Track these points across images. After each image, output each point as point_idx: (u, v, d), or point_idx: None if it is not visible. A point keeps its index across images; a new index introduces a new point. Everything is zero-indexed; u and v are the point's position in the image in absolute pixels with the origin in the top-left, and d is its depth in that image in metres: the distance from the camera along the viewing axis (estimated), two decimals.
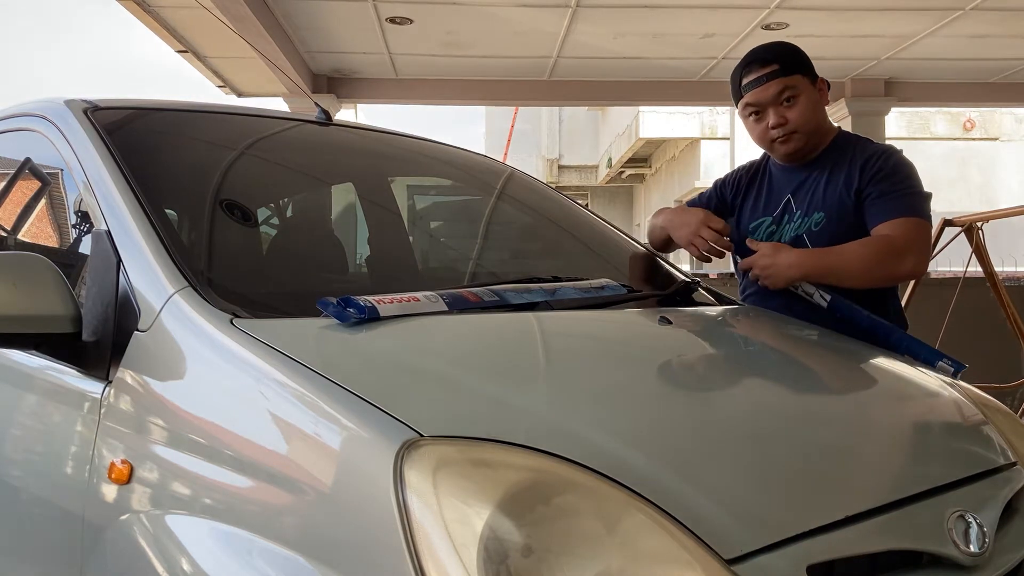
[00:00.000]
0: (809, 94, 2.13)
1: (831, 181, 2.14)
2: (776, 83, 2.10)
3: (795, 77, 2.11)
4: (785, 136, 2.13)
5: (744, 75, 2.15)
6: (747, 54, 2.19)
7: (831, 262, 2.03)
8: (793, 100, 2.11)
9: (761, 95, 2.12)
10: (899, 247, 2.01)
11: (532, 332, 1.57)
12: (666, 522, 0.99)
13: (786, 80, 2.10)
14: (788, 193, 2.20)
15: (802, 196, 2.17)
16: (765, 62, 2.12)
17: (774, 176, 2.27)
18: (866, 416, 1.49)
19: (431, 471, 0.97)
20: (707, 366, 1.63)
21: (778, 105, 2.11)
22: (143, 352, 1.33)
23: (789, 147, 2.15)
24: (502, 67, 7.88)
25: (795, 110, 2.11)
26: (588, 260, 2.28)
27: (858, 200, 2.09)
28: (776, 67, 2.11)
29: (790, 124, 2.12)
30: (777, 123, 2.12)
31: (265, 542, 1.06)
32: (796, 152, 2.17)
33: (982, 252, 4.71)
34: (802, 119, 2.12)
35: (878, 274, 2.04)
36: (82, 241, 1.64)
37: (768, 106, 2.12)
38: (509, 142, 19.84)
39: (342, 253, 2.15)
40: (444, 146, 2.45)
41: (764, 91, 2.11)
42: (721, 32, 6.82)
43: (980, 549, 1.17)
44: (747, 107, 2.16)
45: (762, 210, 2.23)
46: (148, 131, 1.90)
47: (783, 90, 2.11)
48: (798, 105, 2.11)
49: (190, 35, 7.05)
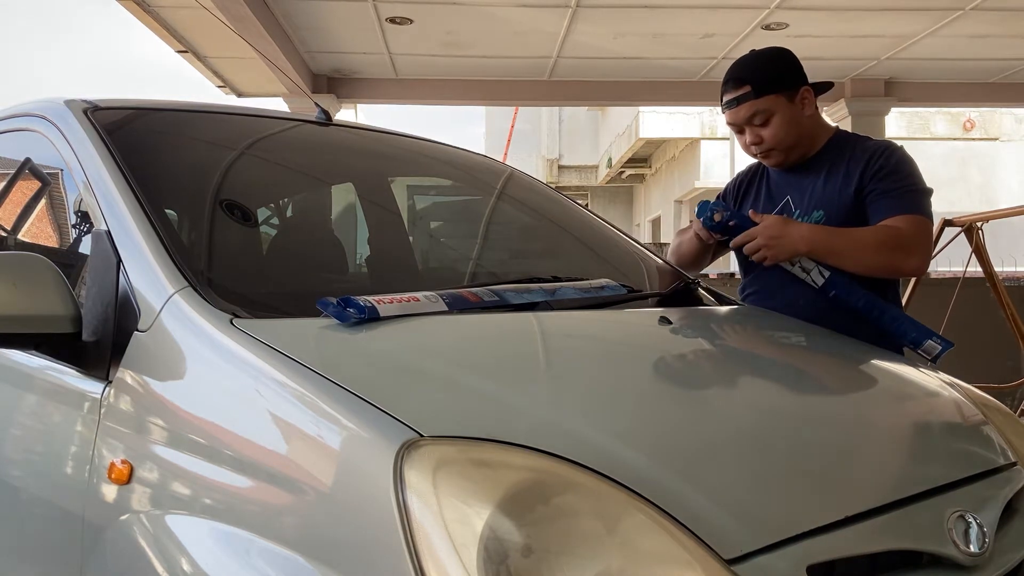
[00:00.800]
0: (784, 112, 2.13)
1: (829, 180, 2.15)
2: (747, 106, 2.13)
3: (767, 99, 2.12)
4: (763, 152, 2.18)
5: (723, 93, 2.19)
6: (729, 68, 2.21)
7: (839, 243, 2.04)
8: (767, 121, 2.14)
9: (734, 117, 2.17)
10: (906, 243, 2.03)
11: (532, 332, 1.57)
12: (666, 522, 0.99)
13: (757, 103, 2.12)
14: (787, 194, 2.21)
15: (800, 196, 2.18)
16: (739, 83, 2.14)
17: (772, 178, 2.29)
18: (866, 416, 1.49)
19: (431, 471, 0.97)
20: (707, 366, 1.63)
21: (752, 125, 2.15)
22: (143, 352, 1.33)
23: (771, 161, 2.21)
24: (502, 67, 7.88)
25: (768, 130, 2.14)
26: (588, 260, 2.28)
27: (858, 198, 2.10)
28: (748, 89, 2.12)
29: (765, 143, 2.16)
30: (753, 141, 2.17)
31: (265, 542, 1.07)
32: (781, 164, 2.21)
33: (982, 252, 4.71)
34: (775, 138, 2.15)
35: (882, 263, 2.05)
36: (82, 241, 1.64)
37: (744, 125, 2.17)
38: (509, 142, 19.84)
39: (342, 253, 2.15)
40: (444, 146, 2.45)
41: (736, 114, 2.16)
42: (721, 32, 6.82)
43: (980, 549, 1.17)
44: (729, 124, 2.21)
45: (760, 211, 2.24)
46: (148, 131, 1.90)
47: (754, 114, 2.14)
48: (771, 125, 2.14)
49: (190, 35, 7.05)
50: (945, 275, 5.91)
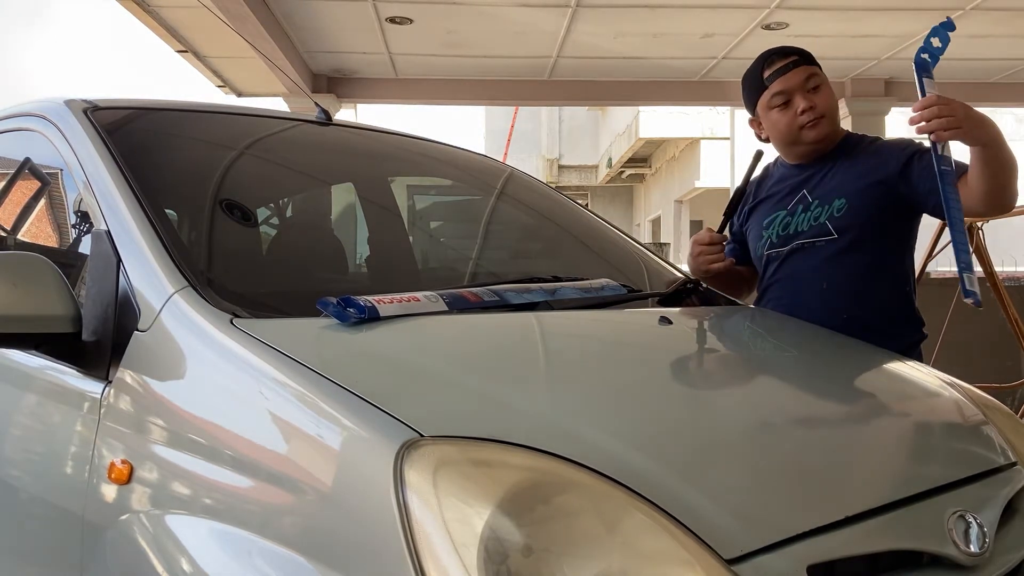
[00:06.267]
0: (828, 84, 2.19)
1: (845, 171, 2.16)
2: (802, 70, 2.16)
3: (815, 67, 2.19)
4: (814, 120, 2.15)
5: (766, 67, 2.19)
6: (762, 54, 2.24)
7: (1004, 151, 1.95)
8: (818, 87, 2.16)
9: (789, 81, 2.15)
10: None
11: (532, 332, 1.57)
12: (666, 522, 0.99)
13: (809, 68, 2.17)
14: (803, 188, 2.21)
15: (817, 188, 2.19)
16: (785, 54, 2.19)
17: (782, 176, 2.28)
18: (866, 416, 1.49)
19: (431, 471, 0.97)
20: (707, 366, 1.63)
21: (805, 91, 2.16)
22: (143, 352, 1.33)
23: (819, 131, 2.16)
24: (502, 67, 7.88)
25: (820, 96, 2.16)
26: (588, 260, 2.28)
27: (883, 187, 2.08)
28: (797, 57, 2.18)
29: (818, 108, 2.15)
30: (807, 106, 2.14)
31: (265, 542, 1.06)
32: (824, 138, 2.18)
33: (982, 252, 4.71)
34: (827, 104, 2.17)
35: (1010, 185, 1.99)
36: (82, 241, 1.64)
37: (795, 92, 2.15)
38: (509, 142, 19.84)
39: (342, 253, 2.15)
40: (444, 146, 2.45)
41: (792, 77, 2.15)
42: (721, 32, 6.82)
43: (980, 549, 1.17)
44: (774, 97, 2.17)
45: (774, 206, 2.24)
46: (148, 131, 1.90)
47: (809, 76, 2.16)
48: (823, 92, 2.17)
49: (190, 35, 7.05)
50: (945, 275, 5.91)
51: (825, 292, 2.10)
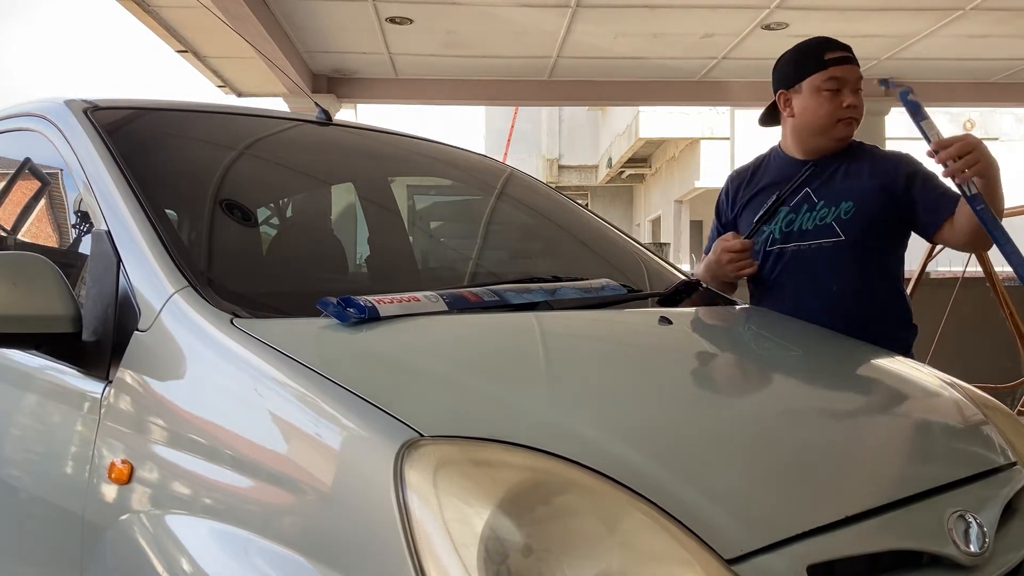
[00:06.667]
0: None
1: (851, 174, 2.19)
2: (856, 68, 2.21)
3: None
4: (850, 119, 2.20)
5: (828, 51, 2.21)
6: (817, 37, 2.27)
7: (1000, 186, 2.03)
8: (858, 92, 2.21)
9: (848, 72, 2.19)
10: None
11: (532, 332, 1.57)
12: (666, 522, 0.99)
13: (859, 70, 2.21)
14: (807, 187, 2.22)
15: (822, 188, 2.20)
16: (843, 48, 2.21)
17: (781, 169, 2.28)
18: (866, 416, 1.49)
19: (431, 471, 0.97)
20: (707, 366, 1.63)
21: (854, 89, 2.19)
22: (143, 352, 1.33)
23: (850, 131, 2.23)
24: (502, 67, 7.87)
25: (859, 98, 2.21)
26: (588, 260, 2.28)
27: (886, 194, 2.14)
28: (851, 55, 2.21)
29: (859, 109, 2.20)
30: (853, 103, 2.18)
31: (265, 542, 1.07)
32: (848, 139, 2.23)
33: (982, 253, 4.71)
34: (862, 110, 2.21)
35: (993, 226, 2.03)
36: (82, 241, 1.64)
37: (847, 85, 2.18)
38: (509, 142, 19.83)
39: (342, 253, 2.15)
40: (444, 146, 2.45)
41: (851, 70, 2.20)
42: (721, 32, 6.81)
43: (980, 549, 1.17)
44: (830, 80, 2.18)
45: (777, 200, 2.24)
46: (148, 131, 1.90)
47: (859, 78, 2.21)
48: (860, 97, 2.21)
49: (190, 35, 7.05)
50: (945, 275, 5.92)
51: (832, 293, 2.13)
